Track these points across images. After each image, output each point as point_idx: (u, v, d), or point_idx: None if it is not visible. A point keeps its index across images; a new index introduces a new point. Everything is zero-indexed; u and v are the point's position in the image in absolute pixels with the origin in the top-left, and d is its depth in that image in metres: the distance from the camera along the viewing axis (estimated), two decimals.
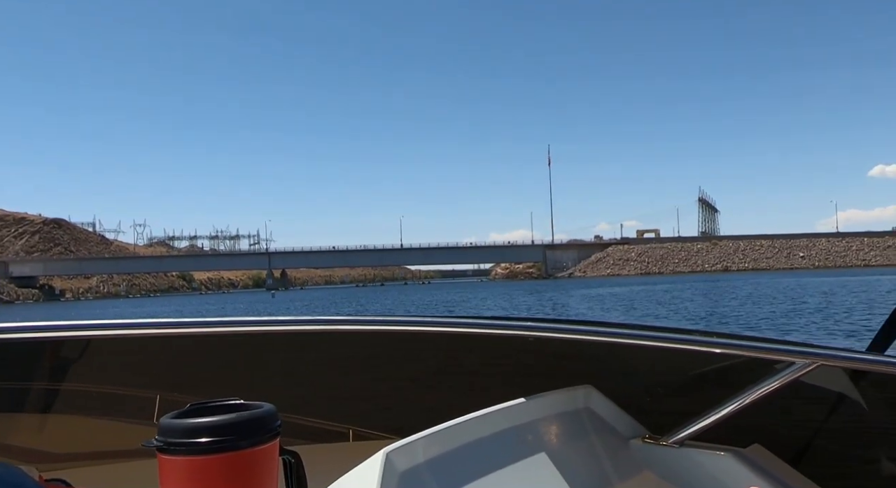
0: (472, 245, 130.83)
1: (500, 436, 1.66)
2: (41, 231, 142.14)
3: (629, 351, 1.87)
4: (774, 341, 1.76)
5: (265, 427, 1.20)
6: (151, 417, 1.86)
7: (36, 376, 1.91)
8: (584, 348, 1.93)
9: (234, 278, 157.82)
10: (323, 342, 2.01)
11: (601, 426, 1.89)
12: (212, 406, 1.24)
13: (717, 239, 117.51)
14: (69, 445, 1.90)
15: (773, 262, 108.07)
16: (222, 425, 1.16)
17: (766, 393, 1.70)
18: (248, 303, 59.26)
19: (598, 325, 1.88)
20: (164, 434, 1.17)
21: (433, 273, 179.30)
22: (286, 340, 1.98)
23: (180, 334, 1.83)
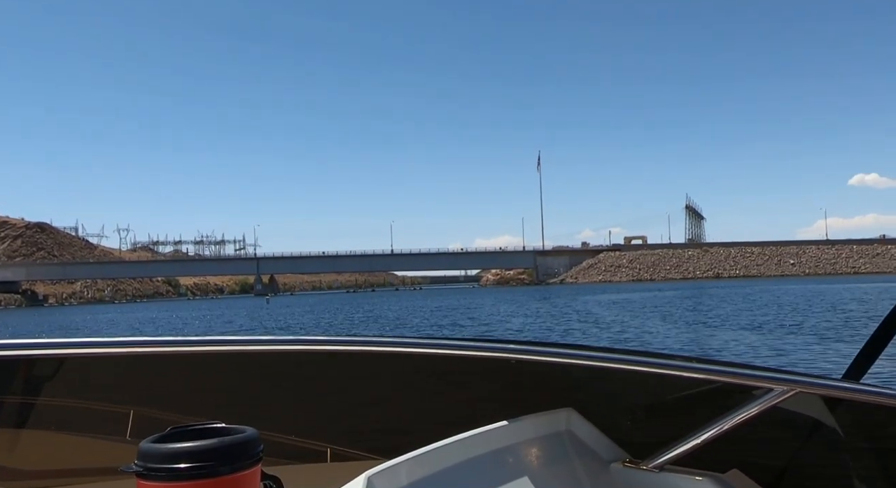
0: (462, 251, 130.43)
1: (481, 460, 1.67)
2: (23, 235, 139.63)
3: (610, 374, 1.87)
4: (754, 367, 1.81)
5: (247, 453, 1.19)
6: (122, 435, 1.85)
7: (9, 392, 1.89)
8: (565, 371, 1.94)
9: (221, 283, 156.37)
10: (302, 361, 2.01)
11: (582, 449, 1.89)
12: (192, 429, 1.22)
13: (707, 246, 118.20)
14: (41, 463, 1.89)
15: (763, 269, 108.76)
16: (203, 450, 1.14)
17: (745, 419, 1.73)
18: (244, 309, 58.15)
19: (579, 349, 1.90)
20: (144, 459, 1.15)
21: (420, 279, 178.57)
22: (265, 359, 1.97)
23: (156, 353, 1.82)
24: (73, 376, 1.92)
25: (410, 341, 1.90)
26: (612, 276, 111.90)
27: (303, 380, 2.05)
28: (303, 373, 2.04)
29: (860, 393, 1.65)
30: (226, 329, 31.93)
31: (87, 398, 1.91)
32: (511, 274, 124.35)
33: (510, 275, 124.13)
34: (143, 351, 1.79)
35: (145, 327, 36.89)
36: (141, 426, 1.84)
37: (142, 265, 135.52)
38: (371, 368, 2.02)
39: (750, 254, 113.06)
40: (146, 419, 1.86)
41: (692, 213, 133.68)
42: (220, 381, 1.98)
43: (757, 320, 23.64)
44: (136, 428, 1.86)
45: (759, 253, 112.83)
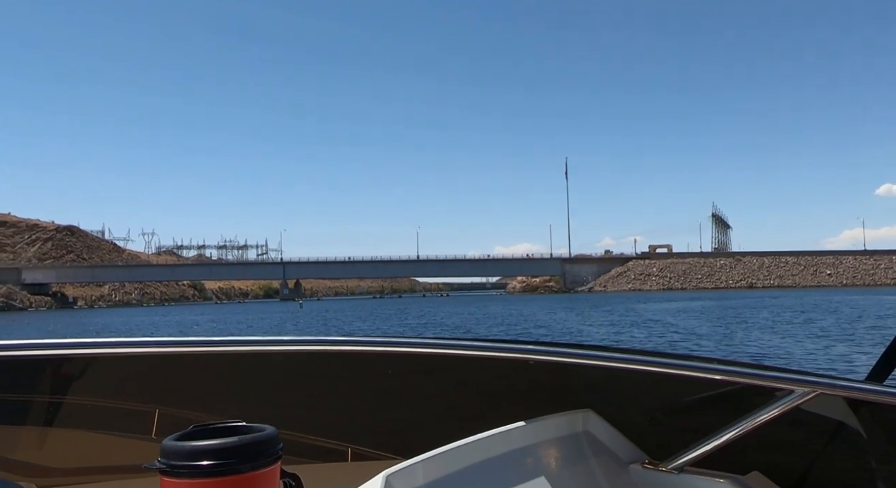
0: (487, 257, 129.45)
1: (499, 460, 1.68)
2: (54, 238, 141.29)
3: (629, 375, 1.87)
4: (774, 369, 1.80)
5: (267, 450, 1.22)
6: (146, 434, 1.91)
7: (38, 391, 1.95)
8: (583, 372, 1.93)
9: (245, 288, 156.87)
10: (323, 361, 2.02)
11: (600, 450, 1.89)
12: (214, 428, 1.26)
13: (740, 255, 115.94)
14: (68, 460, 1.93)
15: (798, 280, 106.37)
16: (224, 448, 1.18)
17: (765, 421, 1.72)
18: (277, 313, 57.80)
19: (597, 349, 1.91)
20: (167, 456, 1.19)
21: (442, 285, 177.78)
22: (286, 359, 2.00)
23: (180, 353, 1.85)
24: (99, 375, 1.96)
25: (430, 341, 1.91)
26: (642, 285, 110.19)
27: (323, 380, 2.05)
28: (323, 373, 2.05)
29: (884, 396, 1.63)
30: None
31: (113, 397, 1.95)
32: (537, 281, 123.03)
33: (536, 282, 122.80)
34: (168, 351, 1.81)
35: (190, 332, 36.47)
36: (165, 425, 1.90)
37: (169, 269, 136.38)
38: (391, 368, 2.03)
39: (784, 264, 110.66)
40: (170, 418, 1.91)
41: (718, 222, 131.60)
42: (242, 381, 2.00)
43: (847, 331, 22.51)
44: (160, 426, 1.91)
45: (794, 263, 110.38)
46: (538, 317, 34.62)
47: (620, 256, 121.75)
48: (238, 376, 2.00)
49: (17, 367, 1.88)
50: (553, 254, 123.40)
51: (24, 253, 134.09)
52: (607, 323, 29.47)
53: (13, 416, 1.90)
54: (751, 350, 17.78)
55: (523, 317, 34.83)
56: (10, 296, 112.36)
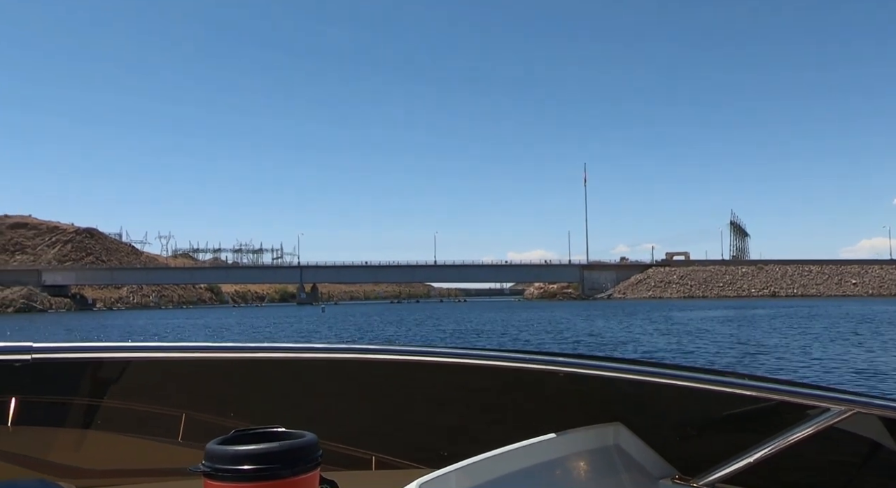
0: (506, 263, 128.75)
1: (530, 471, 1.69)
2: (73, 240, 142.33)
3: (660, 389, 1.85)
4: (809, 386, 1.76)
5: (308, 456, 1.26)
6: (188, 438, 1.95)
7: (75, 393, 1.98)
8: (613, 385, 1.93)
9: (261, 291, 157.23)
10: (350, 369, 2.03)
11: (630, 464, 1.90)
12: (255, 433, 1.30)
13: (762, 263, 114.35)
14: (104, 462, 1.97)
15: (823, 289, 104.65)
16: (267, 453, 1.21)
17: (799, 439, 1.69)
18: (302, 317, 57.44)
19: (628, 363, 1.91)
20: (211, 459, 1.22)
21: (457, 291, 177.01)
22: (313, 366, 2.01)
23: (212, 358, 1.89)
24: (134, 379, 1.99)
25: (459, 352, 1.92)
26: (662, 292, 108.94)
27: (350, 388, 2.08)
28: (348, 381, 2.07)
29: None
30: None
31: (147, 400, 1.99)
32: (555, 288, 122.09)
33: (554, 289, 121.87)
34: (201, 356, 1.85)
35: (219, 335, 36.12)
36: (195, 431, 1.93)
37: (187, 271, 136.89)
38: (418, 378, 2.03)
39: (808, 273, 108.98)
40: (202, 423, 1.95)
41: (737, 230, 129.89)
42: (268, 387, 2.03)
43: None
44: (191, 432, 1.96)
45: (818, 271, 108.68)
46: (578, 325, 33.84)
47: (640, 263, 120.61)
48: (266, 382, 2.03)
49: (54, 370, 1.89)
50: (571, 261, 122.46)
51: (45, 255, 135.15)
52: (657, 332, 28.53)
53: (51, 418, 1.94)
54: (787, 365, 17.21)
55: (564, 325, 34.00)
56: (30, 298, 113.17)
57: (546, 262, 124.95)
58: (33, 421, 1.92)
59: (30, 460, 1.90)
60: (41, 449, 1.91)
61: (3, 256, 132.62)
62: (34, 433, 1.93)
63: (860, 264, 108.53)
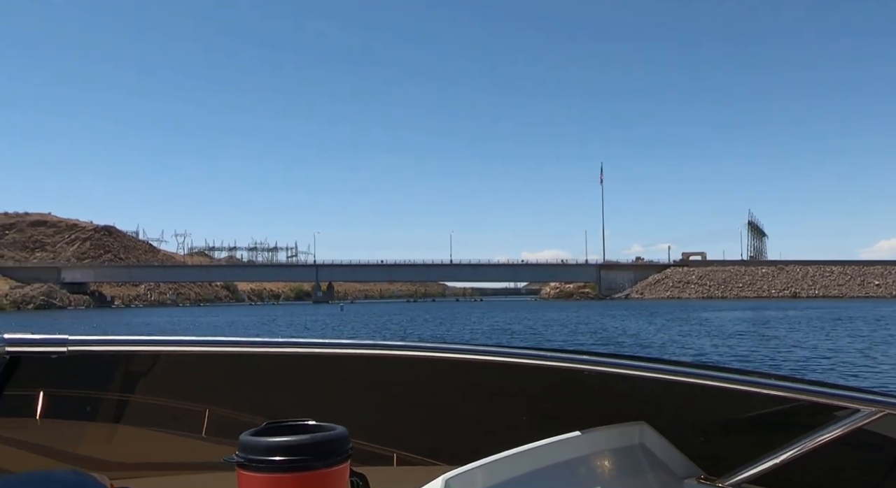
0: (522, 262, 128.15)
1: (554, 469, 1.69)
2: (92, 238, 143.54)
3: (685, 389, 1.81)
4: (838, 386, 1.72)
5: (339, 449, 1.28)
6: (212, 432, 1.98)
7: (107, 386, 2.01)
8: (638, 384, 1.91)
9: (277, 290, 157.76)
10: (372, 366, 2.03)
11: (655, 464, 1.88)
12: (287, 426, 1.32)
13: (783, 263, 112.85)
14: (136, 455, 2.01)
15: (845, 290, 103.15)
16: (299, 445, 1.24)
17: (827, 441, 1.65)
18: (320, 315, 57.37)
19: (652, 362, 1.88)
20: (245, 450, 1.25)
21: (471, 290, 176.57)
22: (336, 363, 2.02)
23: (237, 353, 1.88)
24: (165, 373, 2.02)
25: (483, 349, 1.89)
26: (681, 293, 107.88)
27: (378, 385, 2.08)
28: (378, 378, 2.07)
29: None
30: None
31: (177, 395, 2.02)
32: (571, 287, 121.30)
33: (570, 288, 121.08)
34: (226, 350, 1.85)
35: (246, 332, 36.06)
36: (226, 423, 1.95)
37: (204, 269, 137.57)
38: (441, 375, 2.02)
39: (829, 274, 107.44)
40: (230, 417, 1.97)
41: (754, 230, 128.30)
42: (295, 382, 2.04)
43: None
44: (213, 426, 1.99)
45: (840, 272, 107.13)
46: (610, 326, 33.31)
47: (657, 263, 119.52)
48: (296, 378, 2.04)
49: (88, 362, 1.91)
50: (588, 261, 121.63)
51: (64, 252, 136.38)
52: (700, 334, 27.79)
53: (83, 411, 1.98)
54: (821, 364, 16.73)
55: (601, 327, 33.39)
56: (50, 295, 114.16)
57: (562, 262, 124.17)
58: (67, 414, 1.96)
59: (63, 452, 1.94)
60: (74, 442, 1.96)
61: (24, 253, 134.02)
62: (68, 425, 1.97)
63: (883, 265, 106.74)
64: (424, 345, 1.90)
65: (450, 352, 1.88)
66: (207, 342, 1.82)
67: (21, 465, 1.80)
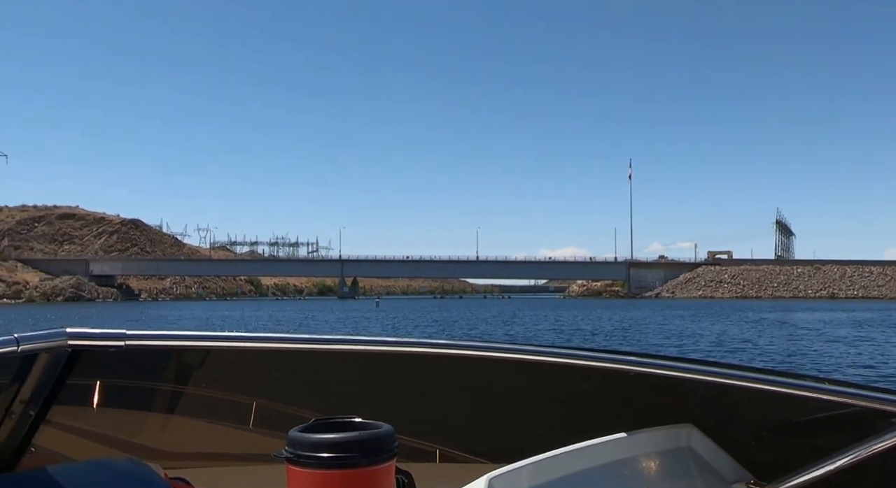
0: (549, 259, 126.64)
1: (600, 470, 1.68)
2: (119, 231, 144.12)
3: (734, 392, 1.78)
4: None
5: (385, 447, 1.30)
6: (260, 425, 2.04)
7: (161, 379, 2.08)
8: (685, 386, 1.85)
9: (300, 285, 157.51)
10: (417, 363, 2.02)
11: (703, 467, 1.85)
12: (334, 422, 1.36)
13: (819, 263, 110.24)
14: (188, 446, 2.08)
15: (886, 291, 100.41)
16: (346, 442, 1.27)
17: (884, 449, 1.59)
18: (355, 311, 56.49)
19: (701, 364, 1.83)
20: (294, 446, 1.28)
21: (493, 287, 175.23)
22: (382, 360, 2.03)
23: (289, 349, 1.92)
24: (216, 367, 2.07)
25: (529, 348, 1.88)
26: (714, 292, 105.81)
27: (424, 383, 2.09)
28: (425, 376, 2.08)
29: None
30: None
31: (227, 388, 2.06)
32: (598, 285, 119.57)
33: (598, 286, 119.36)
34: (275, 346, 1.88)
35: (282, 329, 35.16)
36: (275, 418, 2.00)
37: (230, 264, 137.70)
38: (487, 373, 2.02)
39: (869, 274, 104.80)
40: (280, 412, 2.02)
41: (782, 229, 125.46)
42: (348, 379, 2.07)
43: None
44: (260, 420, 2.04)
45: (880, 273, 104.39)
46: (688, 327, 31.83)
47: (688, 262, 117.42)
48: (344, 375, 2.06)
49: (143, 356, 1.97)
50: (617, 258, 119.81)
51: (91, 245, 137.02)
52: (815, 337, 26.01)
53: (139, 402, 2.06)
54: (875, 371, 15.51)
55: (676, 328, 31.87)
56: (79, 287, 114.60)
57: (590, 259, 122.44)
58: (123, 405, 2.04)
59: (120, 441, 2.01)
60: (130, 432, 2.03)
61: (52, 246, 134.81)
62: (124, 416, 2.05)
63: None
64: (471, 345, 1.90)
65: (497, 351, 1.87)
66: (257, 338, 1.86)
67: (81, 453, 1.86)
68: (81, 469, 1.44)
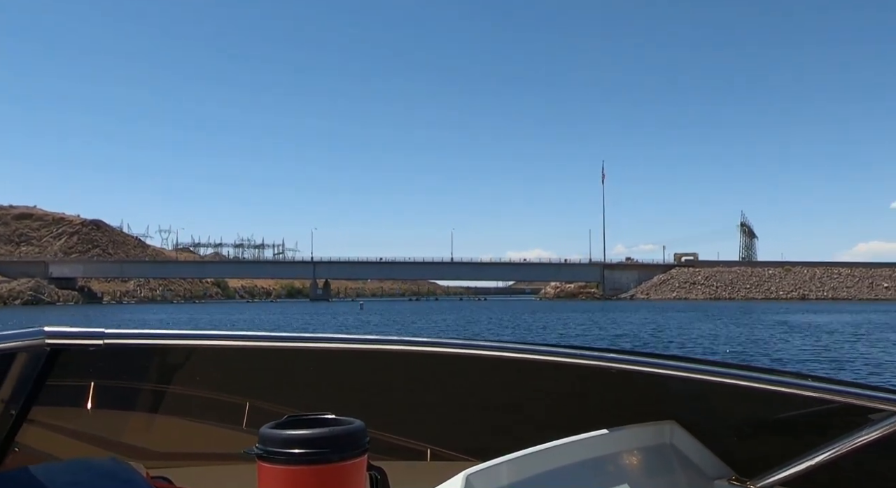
0: (524, 261, 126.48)
1: (582, 466, 1.68)
2: (80, 232, 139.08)
3: (716, 388, 1.77)
4: (875, 388, 1.64)
5: (356, 442, 1.31)
6: (242, 423, 2.04)
7: (144, 378, 2.07)
8: (667, 383, 1.87)
9: (268, 287, 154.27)
10: (407, 362, 2.04)
11: (685, 463, 1.86)
12: (307, 419, 1.36)
13: (790, 264, 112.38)
14: (170, 445, 2.08)
15: (854, 292, 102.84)
16: (316, 438, 1.28)
17: (863, 444, 1.61)
18: (339, 314, 54.84)
19: (682, 361, 1.84)
20: (264, 442, 1.29)
21: (464, 289, 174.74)
22: (373, 358, 2.04)
23: (272, 347, 1.91)
24: (199, 366, 2.06)
25: (511, 345, 1.88)
26: (688, 293, 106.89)
27: (407, 380, 2.10)
28: (407, 373, 2.09)
29: None
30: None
31: (210, 387, 2.06)
32: (572, 287, 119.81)
33: (572, 288, 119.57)
34: (258, 345, 1.88)
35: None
36: (256, 416, 2.00)
37: (198, 266, 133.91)
38: (472, 371, 2.04)
39: (837, 276, 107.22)
40: (261, 409, 2.02)
41: (746, 231, 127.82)
42: (329, 376, 2.07)
43: None
44: (252, 417, 2.03)
45: (848, 274, 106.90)
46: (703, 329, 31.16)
47: (662, 264, 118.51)
48: (326, 372, 2.07)
49: (124, 355, 1.97)
50: (592, 260, 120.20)
51: (50, 246, 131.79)
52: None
53: (121, 402, 2.06)
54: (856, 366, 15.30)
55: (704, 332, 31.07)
56: (38, 290, 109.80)
57: (564, 261, 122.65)
58: (104, 404, 2.02)
59: (102, 440, 2.01)
60: (111, 431, 2.03)
61: (9, 247, 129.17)
62: (105, 415, 2.04)
63: (891, 267, 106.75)
64: (449, 342, 1.89)
65: (475, 348, 1.88)
66: (237, 336, 1.84)
67: (62, 452, 1.86)
68: (63, 468, 1.45)
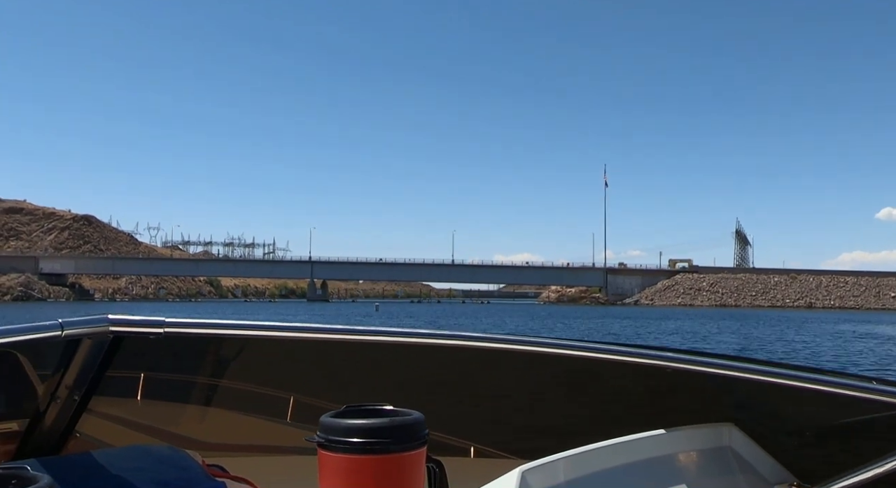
0: (527, 264, 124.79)
1: (639, 465, 1.65)
2: (71, 227, 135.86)
3: (776, 391, 1.72)
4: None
5: (415, 434, 1.32)
6: (296, 415, 2.04)
7: (200, 369, 2.10)
8: (725, 384, 1.80)
9: (261, 286, 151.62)
10: (454, 358, 2.01)
11: (744, 467, 1.81)
12: (366, 409, 1.38)
13: (795, 272, 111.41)
14: (224, 436, 2.11)
15: (861, 301, 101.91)
16: (378, 428, 1.29)
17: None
18: (355, 316, 52.72)
19: (741, 361, 1.81)
20: (325, 431, 1.31)
21: (458, 292, 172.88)
22: (419, 353, 2.00)
23: (322, 339, 1.90)
24: (252, 357, 2.08)
25: (566, 343, 1.84)
26: (693, 300, 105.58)
27: (452, 375, 2.08)
28: (452, 369, 2.06)
29: None
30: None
31: (263, 377, 2.07)
32: (573, 291, 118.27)
33: (573, 292, 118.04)
34: (312, 336, 1.88)
35: None
36: (301, 409, 2.02)
37: (191, 263, 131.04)
38: (523, 368, 2.00)
39: (844, 284, 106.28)
40: (313, 402, 2.02)
41: (740, 239, 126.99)
42: (376, 370, 2.07)
43: None
44: (297, 411, 2.04)
45: (854, 283, 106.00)
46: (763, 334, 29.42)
47: (666, 269, 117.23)
48: (372, 366, 2.07)
49: (182, 345, 1.99)
50: (595, 264, 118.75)
51: (40, 241, 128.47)
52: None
53: (177, 392, 2.10)
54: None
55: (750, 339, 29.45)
56: (28, 286, 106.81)
57: (568, 265, 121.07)
58: (161, 393, 2.07)
59: (159, 430, 2.04)
60: (169, 420, 2.07)
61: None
62: (163, 404, 2.08)
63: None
64: (505, 338, 1.86)
65: (531, 345, 1.84)
66: (293, 328, 1.85)
67: (120, 440, 1.90)
68: (123, 454, 1.51)
